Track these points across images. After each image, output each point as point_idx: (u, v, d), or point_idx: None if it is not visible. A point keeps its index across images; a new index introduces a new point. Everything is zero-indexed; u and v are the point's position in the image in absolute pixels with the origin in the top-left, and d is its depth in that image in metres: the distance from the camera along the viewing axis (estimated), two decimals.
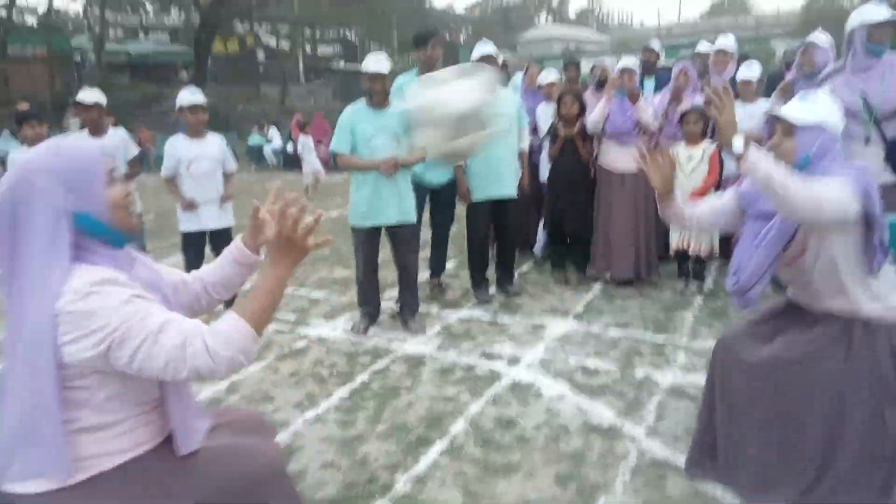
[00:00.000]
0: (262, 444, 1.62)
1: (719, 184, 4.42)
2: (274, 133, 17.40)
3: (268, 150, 17.01)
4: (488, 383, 3.32)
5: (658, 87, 5.41)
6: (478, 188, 4.41)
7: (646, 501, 2.33)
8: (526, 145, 4.64)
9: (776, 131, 2.14)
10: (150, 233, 6.72)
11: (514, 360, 3.59)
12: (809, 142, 2.06)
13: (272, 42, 31.77)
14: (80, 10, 28.71)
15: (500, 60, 4.46)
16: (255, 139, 17.62)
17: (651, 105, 4.73)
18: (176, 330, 1.31)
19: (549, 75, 5.30)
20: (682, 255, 4.62)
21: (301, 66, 34.87)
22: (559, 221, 4.88)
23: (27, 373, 1.26)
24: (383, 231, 4.06)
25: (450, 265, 5.35)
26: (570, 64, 5.96)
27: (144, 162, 16.31)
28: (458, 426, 2.90)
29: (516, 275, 4.93)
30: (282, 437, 2.83)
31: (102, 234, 1.38)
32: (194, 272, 1.72)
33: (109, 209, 1.38)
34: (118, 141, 4.58)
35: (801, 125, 2.06)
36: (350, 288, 4.84)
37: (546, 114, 5.15)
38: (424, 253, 4.95)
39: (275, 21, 30.15)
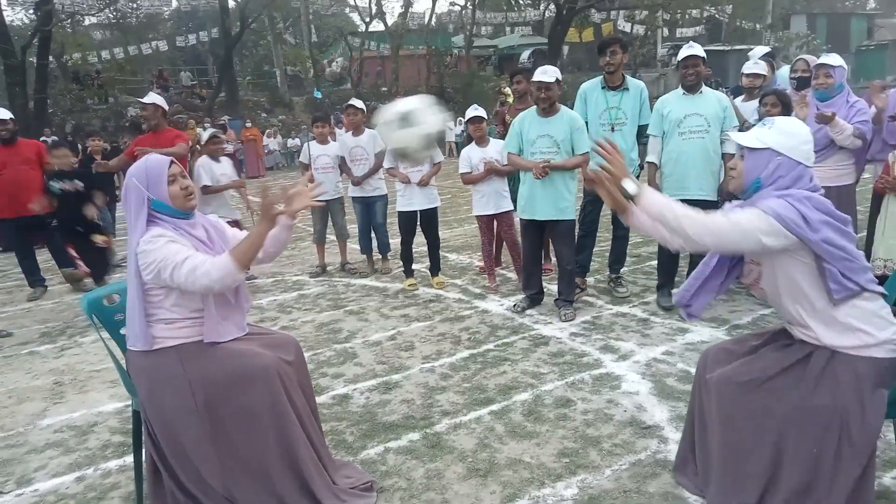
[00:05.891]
0: (265, 354, 2.46)
1: None
2: None
3: None
4: (582, 370, 3.65)
5: None
6: (665, 188, 4.47)
7: (620, 489, 2.55)
8: (731, 147, 4.52)
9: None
10: None
11: (625, 356, 3.81)
12: (759, 165, 2.09)
13: (627, 27, 32.26)
14: (458, 12, 33.52)
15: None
16: None
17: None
18: (190, 262, 2.22)
19: (754, 67, 4.89)
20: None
21: (658, 49, 34.72)
22: None
23: (130, 284, 2.33)
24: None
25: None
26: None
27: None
28: (523, 396, 3.37)
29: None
30: (395, 378, 3.69)
31: (167, 211, 2.37)
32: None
33: (170, 198, 2.36)
34: (369, 137, 5.89)
35: (749, 148, 2.11)
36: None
37: (746, 111, 4.81)
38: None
39: (632, 8, 30.63)
